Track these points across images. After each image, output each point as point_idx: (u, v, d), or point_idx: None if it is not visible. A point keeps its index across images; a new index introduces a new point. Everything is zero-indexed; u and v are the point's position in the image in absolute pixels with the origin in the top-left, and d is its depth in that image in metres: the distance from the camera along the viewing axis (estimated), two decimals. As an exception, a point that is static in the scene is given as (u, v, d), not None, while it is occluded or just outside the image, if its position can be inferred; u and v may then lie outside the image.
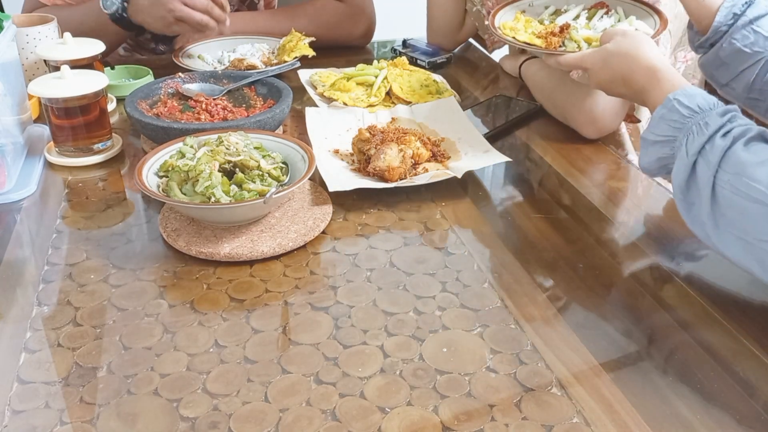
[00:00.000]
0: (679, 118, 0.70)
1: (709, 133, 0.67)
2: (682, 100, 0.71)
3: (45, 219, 0.83)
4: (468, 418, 0.55)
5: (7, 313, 0.67)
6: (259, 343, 0.63)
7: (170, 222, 0.79)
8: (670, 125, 0.71)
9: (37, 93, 0.90)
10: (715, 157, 0.65)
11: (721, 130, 0.67)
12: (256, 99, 1.06)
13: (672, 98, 0.72)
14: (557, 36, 0.99)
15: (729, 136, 0.66)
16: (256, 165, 0.80)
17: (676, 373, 0.60)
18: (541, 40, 0.99)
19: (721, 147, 0.65)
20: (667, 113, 0.72)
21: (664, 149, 0.72)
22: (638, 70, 0.79)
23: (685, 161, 0.68)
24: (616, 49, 0.83)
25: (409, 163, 0.88)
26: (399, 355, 0.61)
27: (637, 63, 0.80)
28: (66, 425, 0.54)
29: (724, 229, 0.65)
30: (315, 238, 0.78)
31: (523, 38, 1.01)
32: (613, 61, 0.83)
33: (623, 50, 0.82)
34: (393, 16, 1.67)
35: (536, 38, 1.00)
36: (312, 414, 0.55)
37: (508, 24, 1.05)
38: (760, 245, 0.62)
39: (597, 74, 0.86)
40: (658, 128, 0.73)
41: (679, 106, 0.71)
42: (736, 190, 0.63)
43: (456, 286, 0.71)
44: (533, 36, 1.01)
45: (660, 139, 0.72)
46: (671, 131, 0.71)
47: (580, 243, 0.79)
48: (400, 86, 1.13)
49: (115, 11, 1.19)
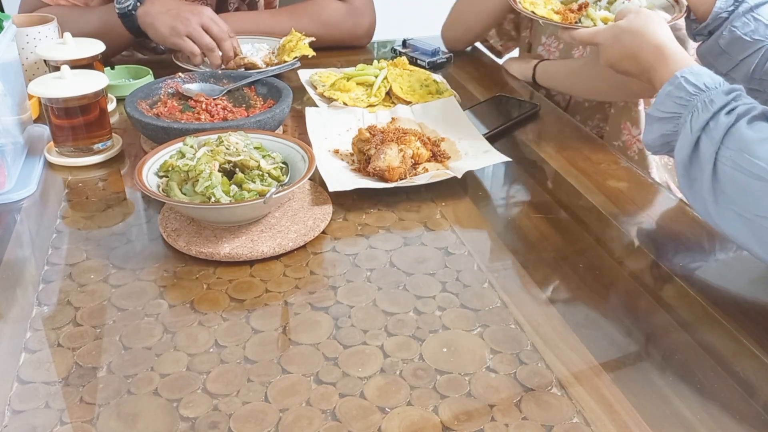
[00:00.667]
0: (685, 95, 0.71)
1: (713, 110, 0.68)
2: (689, 78, 0.72)
3: (45, 219, 0.83)
4: (468, 418, 0.55)
5: (7, 313, 0.67)
6: (259, 343, 0.63)
7: (170, 222, 0.79)
8: (675, 102, 0.72)
9: (37, 93, 0.90)
10: (718, 133, 0.66)
11: (725, 107, 0.67)
12: (256, 99, 1.06)
13: (679, 75, 0.72)
14: (574, 13, 1.01)
15: (733, 113, 0.66)
16: (256, 165, 0.80)
17: (676, 373, 0.60)
18: (558, 16, 1.01)
19: (724, 124, 0.66)
20: (674, 90, 0.72)
21: (668, 126, 0.73)
22: (646, 48, 0.80)
23: (689, 137, 0.69)
24: (628, 26, 0.83)
25: (409, 163, 0.88)
26: (399, 355, 0.61)
27: (646, 40, 0.81)
28: (66, 425, 0.54)
29: (724, 205, 0.66)
30: (315, 238, 0.78)
31: (542, 13, 1.02)
32: (624, 38, 0.83)
33: (634, 28, 0.83)
34: (393, 16, 1.67)
35: (554, 14, 1.02)
36: (312, 414, 0.55)
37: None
38: (759, 221, 0.63)
39: (607, 50, 0.86)
40: (664, 105, 0.73)
41: (685, 83, 0.72)
42: (737, 166, 0.64)
43: (456, 286, 0.71)
44: (552, 12, 1.03)
45: (665, 116, 0.73)
46: (676, 108, 0.72)
47: (580, 243, 0.79)
48: (400, 86, 1.13)
49: (125, 7, 1.19)
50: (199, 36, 1.18)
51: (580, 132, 1.09)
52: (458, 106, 1.06)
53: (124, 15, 1.20)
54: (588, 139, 1.07)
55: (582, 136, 1.07)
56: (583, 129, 1.11)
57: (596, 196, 0.88)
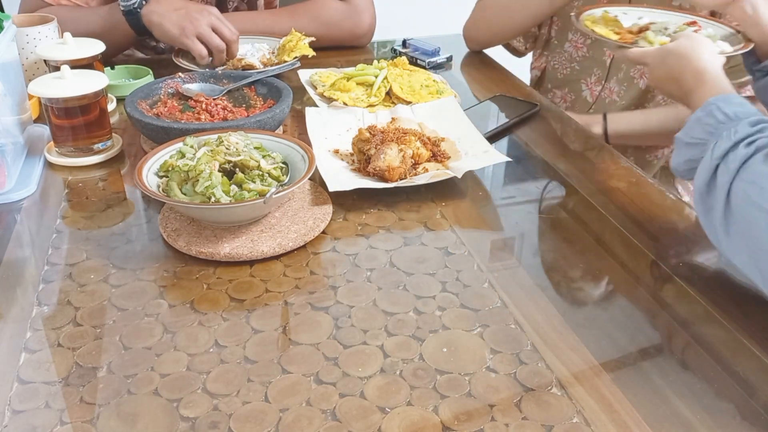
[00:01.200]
0: (714, 123, 0.71)
1: (735, 140, 0.67)
2: (720, 106, 0.72)
3: (45, 219, 0.83)
4: (468, 418, 0.55)
5: (7, 313, 0.67)
6: (259, 343, 0.63)
7: (170, 222, 0.79)
8: (704, 128, 0.72)
9: (37, 93, 0.90)
10: (735, 164, 0.66)
11: (747, 138, 0.67)
12: (256, 99, 1.06)
13: (712, 102, 0.72)
14: (633, 34, 1.02)
15: (753, 146, 0.66)
16: (256, 165, 0.80)
17: (676, 373, 0.60)
18: (617, 36, 1.03)
19: (742, 155, 0.66)
20: (704, 117, 0.72)
21: (694, 151, 0.73)
22: (689, 71, 0.81)
23: (708, 164, 0.68)
24: (675, 49, 0.84)
25: (409, 163, 0.88)
26: (399, 355, 0.61)
27: (690, 64, 0.81)
28: (66, 425, 0.54)
29: (734, 236, 0.65)
30: (315, 238, 0.78)
31: (602, 32, 1.04)
32: (669, 60, 0.84)
33: (681, 50, 0.83)
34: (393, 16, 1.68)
35: (613, 34, 1.04)
36: (312, 414, 0.55)
37: (590, 17, 1.08)
38: (762, 257, 0.62)
39: (654, 71, 0.88)
40: (693, 130, 0.73)
41: (716, 110, 0.71)
42: (748, 198, 0.63)
43: (456, 286, 0.71)
44: (611, 32, 1.05)
45: (692, 141, 0.73)
46: (704, 134, 0.72)
47: (580, 243, 0.79)
48: (400, 86, 1.13)
49: (131, 4, 1.19)
50: (209, 37, 1.18)
51: (581, 132, 1.09)
52: (458, 106, 1.06)
53: (129, 13, 1.19)
54: (588, 139, 1.07)
55: (582, 136, 1.07)
56: (584, 129, 1.11)
57: (596, 196, 0.88)
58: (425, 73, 1.18)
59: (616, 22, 1.07)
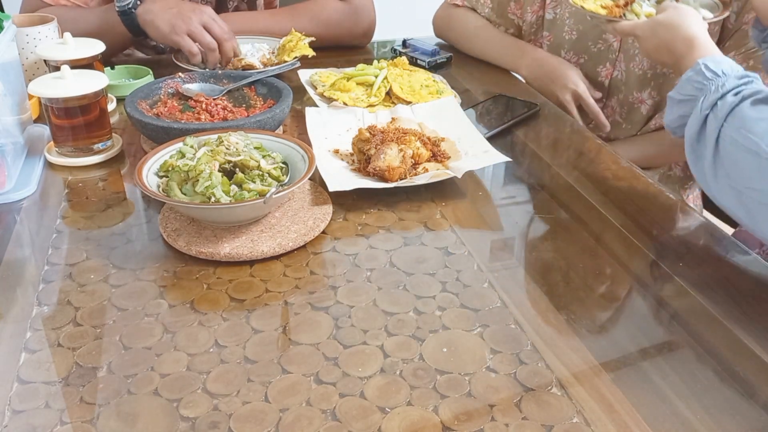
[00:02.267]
0: (702, 79, 0.77)
1: (722, 91, 0.73)
2: (708, 64, 0.77)
3: (45, 219, 0.83)
4: (468, 418, 0.55)
5: (7, 313, 0.67)
6: (259, 343, 0.63)
7: (170, 222, 0.79)
8: (693, 86, 0.78)
9: (37, 93, 0.90)
10: (723, 112, 0.71)
11: (734, 89, 0.73)
12: (256, 99, 1.06)
13: (701, 62, 0.78)
14: (620, 8, 1.05)
15: (739, 95, 0.72)
16: (256, 165, 0.80)
17: (676, 373, 0.60)
18: (605, 11, 1.06)
19: (729, 103, 0.71)
20: (694, 75, 0.78)
21: (686, 108, 0.78)
22: (679, 39, 0.86)
23: (698, 116, 0.74)
24: (665, 20, 0.90)
25: (409, 163, 0.88)
26: (399, 355, 0.61)
27: (679, 32, 0.87)
28: (66, 425, 0.54)
29: (721, 179, 0.71)
30: (315, 238, 0.78)
31: (591, 7, 1.07)
32: (659, 31, 0.89)
33: (670, 21, 0.89)
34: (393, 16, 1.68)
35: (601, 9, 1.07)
36: (312, 414, 0.55)
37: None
38: (749, 193, 0.68)
39: (646, 42, 0.92)
40: (684, 88, 0.79)
41: (705, 69, 0.77)
42: (734, 142, 0.69)
43: (456, 286, 0.71)
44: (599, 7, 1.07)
45: (683, 98, 0.79)
46: (694, 91, 0.77)
47: (580, 243, 0.79)
48: (400, 86, 1.13)
49: (126, 5, 1.19)
50: (200, 34, 1.18)
51: (580, 132, 1.09)
52: (458, 106, 1.06)
53: (124, 13, 1.20)
54: (588, 139, 1.07)
55: (582, 136, 1.07)
56: (584, 129, 1.11)
57: (596, 196, 0.88)
58: (425, 73, 1.18)
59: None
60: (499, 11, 1.37)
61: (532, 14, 1.35)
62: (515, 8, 1.36)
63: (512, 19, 1.38)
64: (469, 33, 1.40)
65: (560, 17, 1.30)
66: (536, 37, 1.35)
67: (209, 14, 1.19)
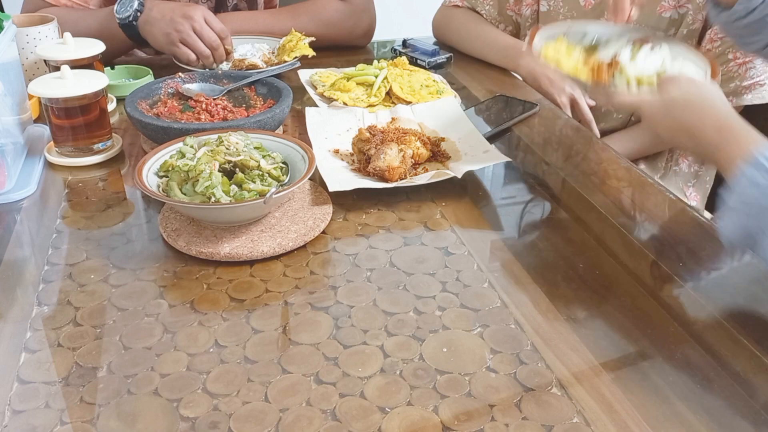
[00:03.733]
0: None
1: None
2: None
3: (45, 219, 0.83)
4: (468, 418, 0.55)
5: (7, 313, 0.67)
6: (259, 343, 0.63)
7: (170, 222, 0.79)
8: (760, 191, 0.62)
9: (37, 93, 0.90)
10: None
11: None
12: (256, 99, 1.06)
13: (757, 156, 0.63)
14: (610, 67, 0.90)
15: None
16: (256, 165, 0.80)
17: (676, 373, 0.60)
18: (587, 71, 0.89)
19: None
20: (755, 174, 0.62)
21: (752, 221, 0.63)
22: (708, 126, 0.71)
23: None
24: (682, 99, 0.74)
25: (409, 163, 0.88)
26: (399, 355, 0.61)
27: (707, 117, 0.72)
28: (66, 425, 0.54)
29: None
30: (315, 238, 0.78)
31: (569, 66, 0.91)
32: (677, 113, 0.74)
33: (689, 101, 0.74)
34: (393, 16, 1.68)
35: (583, 70, 0.90)
36: (312, 414, 0.55)
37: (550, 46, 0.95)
38: None
39: (658, 123, 0.77)
40: (745, 193, 0.64)
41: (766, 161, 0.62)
42: None
43: (456, 286, 0.71)
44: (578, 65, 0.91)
45: (747, 209, 0.63)
46: (762, 198, 0.62)
47: (580, 243, 0.79)
48: (400, 86, 1.13)
49: (126, 17, 1.19)
50: (192, 43, 1.19)
51: (580, 132, 1.09)
52: (458, 106, 1.06)
53: (126, 26, 1.20)
54: (588, 138, 1.07)
55: (582, 136, 1.07)
56: (583, 129, 1.11)
57: (596, 196, 0.88)
58: (425, 73, 1.18)
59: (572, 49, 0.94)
60: (499, 8, 1.39)
61: (527, 7, 1.36)
62: (513, 5, 1.37)
63: (510, 15, 1.39)
64: (468, 34, 1.40)
65: (554, 9, 1.31)
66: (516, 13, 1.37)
67: (201, 16, 1.19)
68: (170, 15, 1.18)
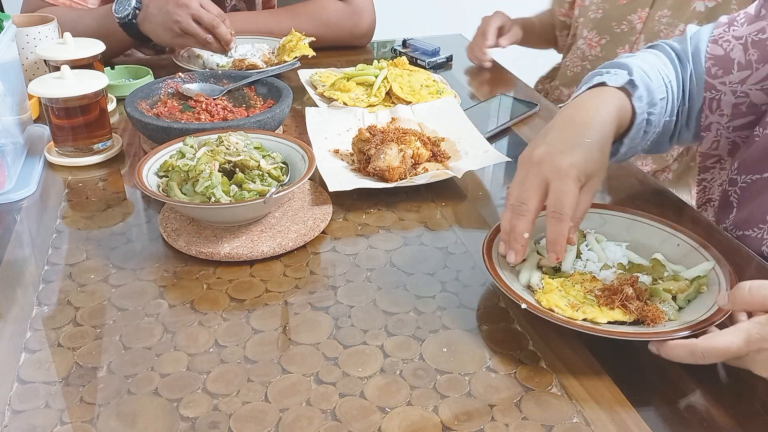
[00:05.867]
0: None
1: None
2: None
3: (45, 219, 0.83)
4: (468, 418, 0.55)
5: (7, 313, 0.67)
6: (259, 343, 0.63)
7: (170, 222, 0.79)
8: None
9: (37, 93, 0.90)
10: None
11: None
12: (256, 99, 1.06)
13: None
14: (617, 295, 0.64)
15: None
16: (256, 165, 0.80)
17: (677, 373, 0.60)
18: (597, 305, 0.64)
19: None
20: None
21: None
22: None
23: None
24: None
25: (409, 163, 0.88)
26: (399, 355, 0.61)
27: None
28: (66, 425, 0.54)
29: None
30: (315, 238, 0.78)
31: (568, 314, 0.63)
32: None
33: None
34: (393, 16, 1.68)
35: (590, 298, 0.65)
36: (312, 414, 0.55)
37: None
38: None
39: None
40: None
41: None
42: None
43: (456, 286, 0.71)
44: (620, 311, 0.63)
45: None
46: None
47: (580, 243, 0.79)
48: (400, 86, 1.13)
49: (125, 16, 1.19)
50: (194, 32, 1.18)
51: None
52: (458, 106, 1.06)
53: (125, 25, 1.20)
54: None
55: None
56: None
57: (596, 196, 0.88)
58: (425, 73, 1.18)
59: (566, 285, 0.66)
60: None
61: None
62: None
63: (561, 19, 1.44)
64: None
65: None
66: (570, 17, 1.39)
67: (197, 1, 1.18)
68: (165, 7, 1.18)
